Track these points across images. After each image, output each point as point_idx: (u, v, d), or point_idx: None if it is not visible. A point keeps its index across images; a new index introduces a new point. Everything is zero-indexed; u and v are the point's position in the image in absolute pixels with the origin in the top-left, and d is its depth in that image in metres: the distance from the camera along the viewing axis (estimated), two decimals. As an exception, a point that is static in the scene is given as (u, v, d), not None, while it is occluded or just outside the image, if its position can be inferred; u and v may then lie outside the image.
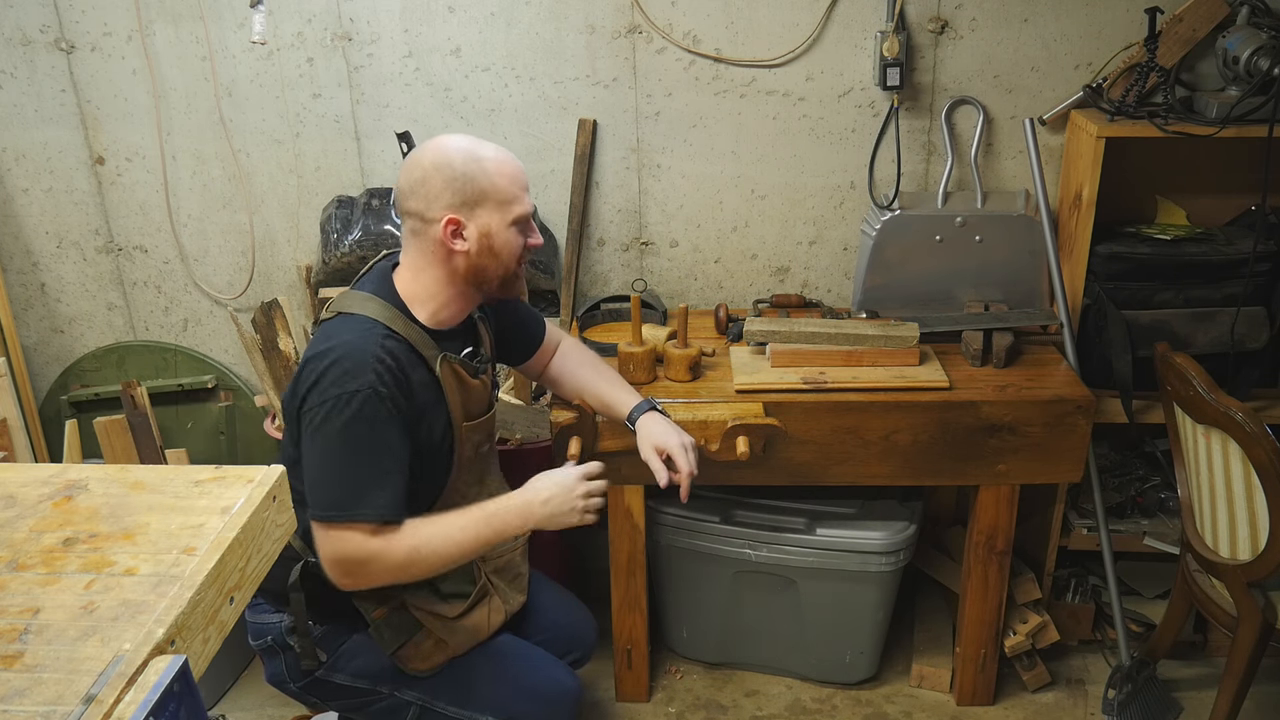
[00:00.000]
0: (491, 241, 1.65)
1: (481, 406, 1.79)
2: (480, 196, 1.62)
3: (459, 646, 1.76)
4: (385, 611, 1.71)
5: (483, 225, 1.64)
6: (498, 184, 1.63)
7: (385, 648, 1.71)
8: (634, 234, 2.57)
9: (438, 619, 1.75)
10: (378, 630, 1.70)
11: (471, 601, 1.78)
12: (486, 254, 1.65)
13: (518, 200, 1.66)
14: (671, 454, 1.87)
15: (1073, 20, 2.31)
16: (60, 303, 2.68)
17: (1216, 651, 2.50)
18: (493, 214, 1.64)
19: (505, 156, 1.66)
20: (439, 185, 1.61)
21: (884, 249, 2.38)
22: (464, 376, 1.71)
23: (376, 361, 1.55)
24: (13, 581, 0.88)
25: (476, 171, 1.62)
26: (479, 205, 1.63)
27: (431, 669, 1.75)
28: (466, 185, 1.61)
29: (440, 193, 1.61)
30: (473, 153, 1.63)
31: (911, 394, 2.10)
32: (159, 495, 1.06)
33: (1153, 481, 2.50)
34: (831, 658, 2.42)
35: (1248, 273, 2.25)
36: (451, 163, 1.61)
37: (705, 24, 2.36)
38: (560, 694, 1.81)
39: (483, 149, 1.64)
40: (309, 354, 1.60)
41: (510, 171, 1.65)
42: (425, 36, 2.39)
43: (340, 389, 1.53)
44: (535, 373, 2.07)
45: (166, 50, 2.42)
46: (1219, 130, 2.14)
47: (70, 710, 0.72)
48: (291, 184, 2.54)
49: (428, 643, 1.74)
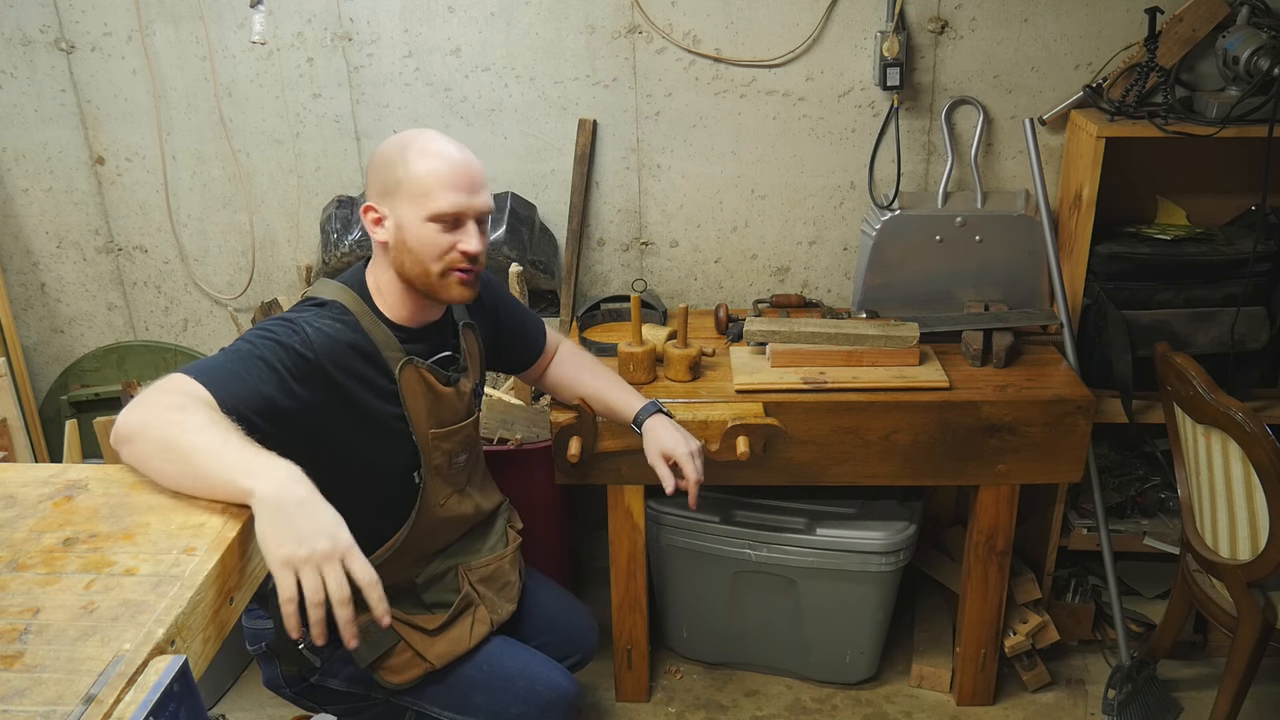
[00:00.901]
0: (404, 235, 1.57)
1: (455, 414, 1.73)
2: (395, 186, 1.57)
3: (437, 659, 1.72)
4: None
5: (399, 217, 1.58)
6: (415, 174, 1.55)
7: (360, 661, 1.67)
8: (634, 234, 2.57)
9: (416, 631, 1.71)
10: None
11: (454, 612, 1.74)
12: (401, 248, 1.59)
13: (433, 195, 1.55)
14: (679, 461, 1.85)
15: (1073, 20, 2.31)
16: (60, 303, 2.68)
17: (1216, 651, 2.50)
18: (407, 206, 1.57)
19: (441, 150, 1.57)
20: (371, 171, 1.62)
21: (884, 249, 2.38)
22: (432, 382, 1.67)
23: (305, 325, 1.51)
24: (13, 581, 0.88)
25: (397, 160, 1.57)
26: (393, 195, 1.58)
27: (407, 682, 1.71)
28: (385, 173, 1.58)
29: (371, 180, 1.61)
30: (407, 142, 1.58)
31: (911, 394, 2.10)
32: (159, 495, 1.06)
33: (1153, 481, 2.50)
34: (831, 658, 2.42)
35: (1248, 273, 2.25)
36: (384, 150, 1.60)
37: (705, 24, 2.36)
38: (557, 697, 1.78)
39: (421, 139, 1.58)
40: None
41: (434, 166, 1.56)
42: (425, 36, 2.39)
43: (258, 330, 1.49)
44: (533, 379, 2.06)
45: (166, 50, 2.42)
46: (1219, 130, 2.14)
47: (70, 710, 0.72)
48: (291, 184, 2.54)
49: (403, 656, 1.70)
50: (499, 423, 2.33)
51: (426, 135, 1.60)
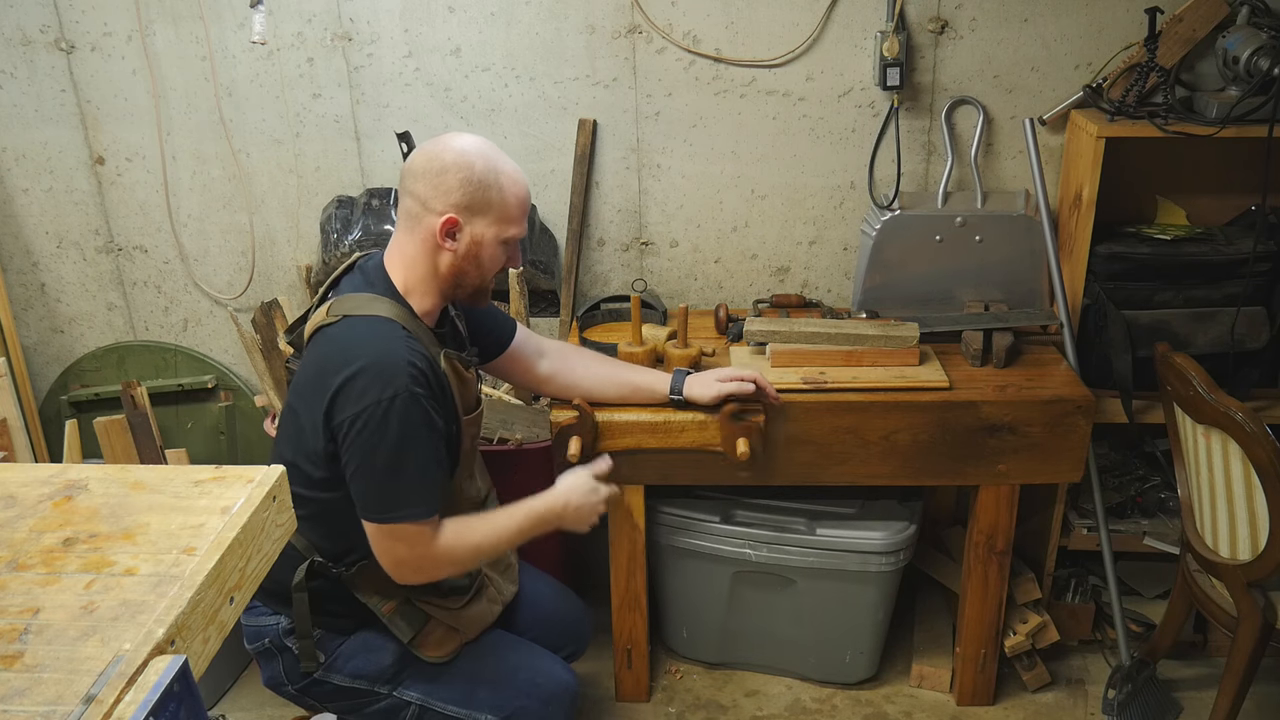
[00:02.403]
0: (480, 251, 1.67)
1: (474, 400, 1.82)
2: (486, 207, 1.64)
3: (470, 632, 1.80)
4: (394, 605, 1.74)
5: (477, 234, 1.65)
6: (508, 201, 1.66)
7: (402, 636, 1.74)
8: (634, 234, 2.57)
9: (444, 610, 1.77)
10: (392, 622, 1.73)
11: (471, 595, 1.81)
12: (471, 261, 1.67)
13: (516, 222, 1.68)
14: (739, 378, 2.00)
15: (1073, 20, 2.31)
16: (60, 303, 2.68)
17: (1216, 651, 2.50)
18: (490, 227, 1.66)
19: (521, 178, 1.69)
20: (453, 181, 1.62)
21: (884, 249, 2.38)
22: (460, 370, 1.73)
23: (408, 365, 1.57)
24: (13, 581, 0.88)
25: (492, 183, 1.64)
26: (481, 214, 1.64)
27: (447, 655, 1.78)
28: (478, 192, 1.63)
29: (452, 189, 1.62)
30: (495, 164, 1.65)
31: (911, 394, 2.10)
32: (159, 495, 1.05)
33: (1153, 481, 2.50)
34: (831, 658, 2.42)
35: (1248, 273, 2.25)
36: (473, 165, 1.63)
37: (705, 24, 2.36)
38: (558, 689, 1.82)
39: (504, 163, 1.67)
40: (331, 363, 1.58)
41: (521, 194, 1.68)
42: (425, 36, 2.39)
43: (379, 395, 1.54)
44: (518, 377, 2.06)
45: (166, 50, 2.42)
46: (1219, 130, 2.14)
47: (70, 710, 0.72)
48: (291, 184, 2.54)
49: (439, 631, 1.77)
50: (499, 423, 2.33)
51: (506, 160, 1.68)
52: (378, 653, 1.75)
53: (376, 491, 1.59)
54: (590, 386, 2.05)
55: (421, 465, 1.60)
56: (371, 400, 1.54)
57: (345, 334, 1.61)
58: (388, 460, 1.57)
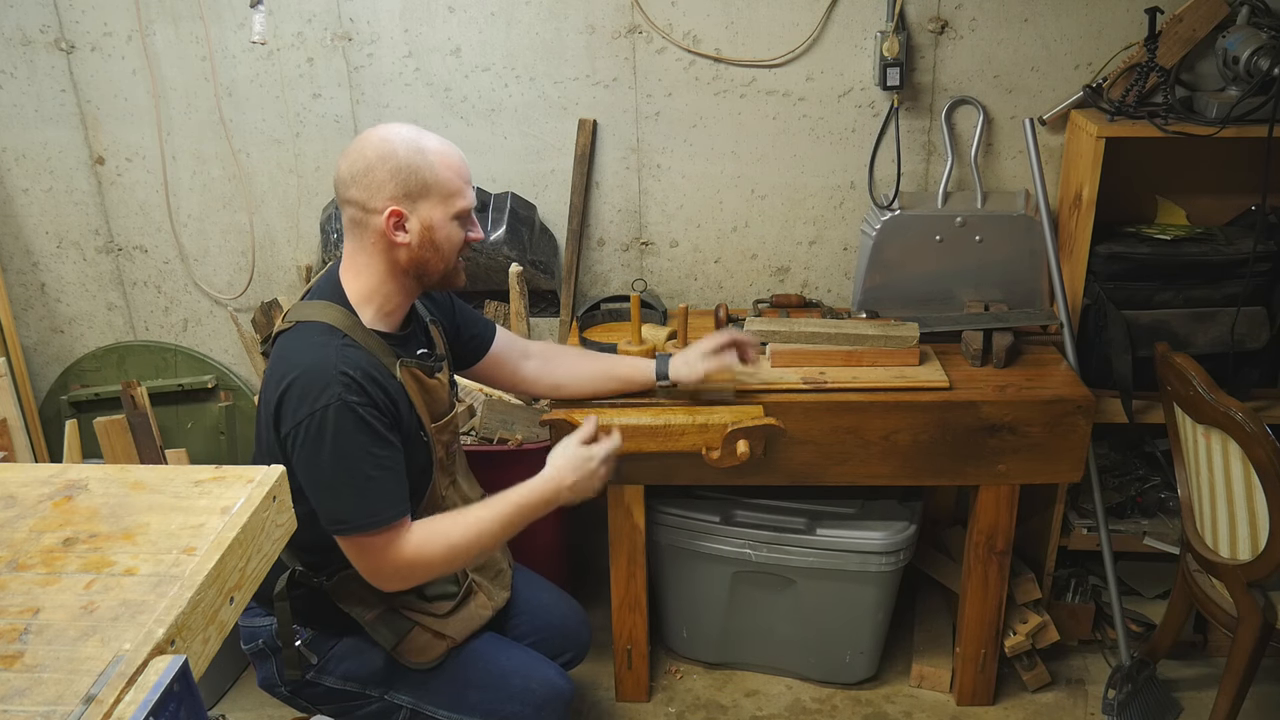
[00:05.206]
0: (434, 235, 1.62)
1: (443, 406, 1.77)
2: (424, 189, 1.60)
3: (457, 635, 1.77)
4: (376, 614, 1.71)
5: (425, 218, 1.61)
6: (441, 176, 1.60)
7: (385, 644, 1.71)
8: (634, 234, 2.57)
9: (428, 615, 1.75)
10: (374, 629, 1.71)
11: (461, 596, 1.79)
12: (428, 247, 1.63)
13: (460, 194, 1.63)
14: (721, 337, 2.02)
15: (1073, 20, 2.31)
16: (60, 303, 2.68)
17: (1216, 651, 2.50)
18: (435, 207, 1.61)
19: (448, 148, 1.63)
20: (383, 175, 1.58)
21: (884, 249, 2.38)
22: (422, 378, 1.70)
23: (339, 374, 1.53)
24: (13, 581, 0.88)
25: (421, 163, 1.59)
26: (422, 198, 1.60)
27: (432, 661, 1.75)
28: (411, 177, 1.59)
29: (384, 183, 1.58)
30: (417, 143, 1.60)
31: (911, 394, 2.10)
32: (159, 495, 1.05)
33: (1153, 481, 2.50)
34: (831, 658, 2.42)
35: (1248, 273, 2.25)
36: (396, 153, 1.58)
37: (705, 24, 2.36)
38: (551, 695, 1.79)
39: (426, 139, 1.61)
40: (274, 375, 1.57)
41: (454, 164, 1.63)
42: (425, 36, 2.39)
43: (311, 406, 1.52)
44: (505, 381, 2.04)
45: (166, 50, 2.42)
46: (1219, 130, 2.14)
47: (70, 710, 0.72)
48: (291, 184, 2.54)
49: (424, 637, 1.74)
50: (499, 423, 2.33)
51: (426, 134, 1.63)
52: (369, 656, 1.73)
53: (330, 503, 1.56)
54: (577, 384, 2.04)
55: (366, 474, 1.55)
56: (305, 413, 1.52)
57: (286, 344, 1.60)
58: (331, 472, 1.54)
